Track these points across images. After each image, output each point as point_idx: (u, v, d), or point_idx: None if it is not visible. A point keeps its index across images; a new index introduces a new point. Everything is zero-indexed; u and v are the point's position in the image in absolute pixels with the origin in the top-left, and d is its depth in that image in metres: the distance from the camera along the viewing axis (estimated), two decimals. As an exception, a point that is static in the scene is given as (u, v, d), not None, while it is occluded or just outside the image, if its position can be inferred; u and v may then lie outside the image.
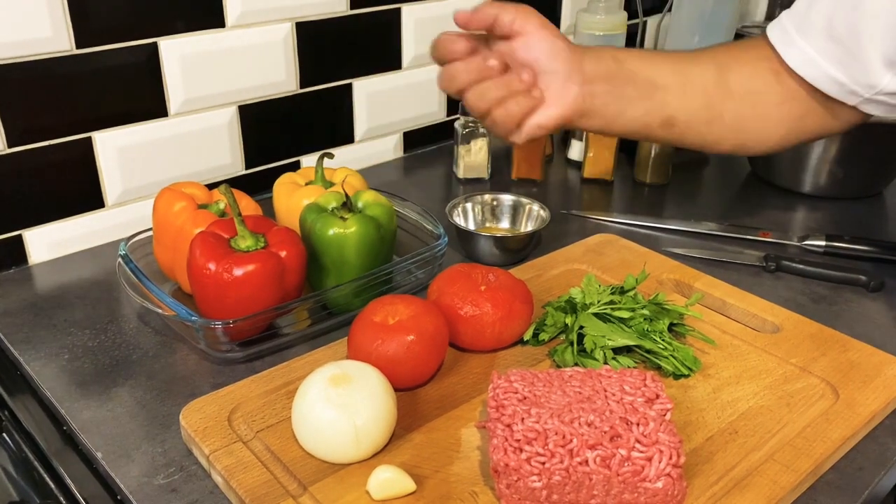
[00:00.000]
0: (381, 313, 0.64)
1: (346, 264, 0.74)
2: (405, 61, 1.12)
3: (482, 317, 0.66)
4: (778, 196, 1.06)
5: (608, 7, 1.16)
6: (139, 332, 0.75)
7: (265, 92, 0.99)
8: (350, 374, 0.57)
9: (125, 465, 0.59)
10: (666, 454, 0.51)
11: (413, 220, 0.87)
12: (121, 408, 0.65)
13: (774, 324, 0.74)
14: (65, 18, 0.80)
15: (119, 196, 0.91)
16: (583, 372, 0.58)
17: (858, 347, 0.71)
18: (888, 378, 0.66)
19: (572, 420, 0.52)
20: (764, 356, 0.69)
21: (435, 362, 0.64)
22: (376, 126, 1.13)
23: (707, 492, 0.55)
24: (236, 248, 0.69)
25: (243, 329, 0.69)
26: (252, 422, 0.60)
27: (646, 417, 0.53)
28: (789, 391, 0.65)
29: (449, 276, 0.70)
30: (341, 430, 0.55)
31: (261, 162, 1.02)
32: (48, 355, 0.71)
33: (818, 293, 0.83)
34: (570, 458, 0.50)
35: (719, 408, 0.63)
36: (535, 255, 0.87)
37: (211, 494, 0.56)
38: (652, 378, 0.57)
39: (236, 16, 0.93)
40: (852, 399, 0.64)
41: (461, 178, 1.09)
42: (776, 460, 0.58)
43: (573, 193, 1.08)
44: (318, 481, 0.55)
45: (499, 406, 0.55)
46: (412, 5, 1.09)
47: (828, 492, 0.57)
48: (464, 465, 0.57)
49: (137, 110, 0.89)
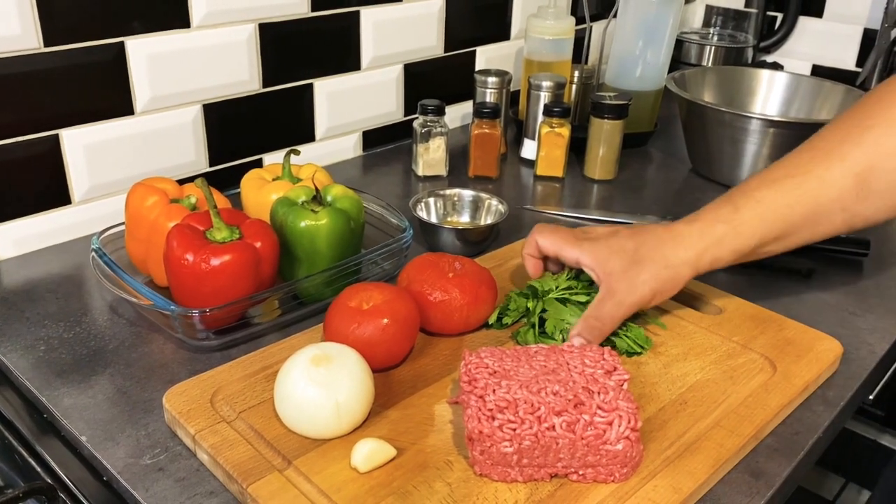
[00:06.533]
0: (356, 299, 0.67)
1: (317, 255, 0.77)
2: (364, 62, 1.16)
3: (450, 301, 0.71)
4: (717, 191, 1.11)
5: (557, 13, 1.21)
6: (113, 323, 0.77)
7: (229, 91, 1.01)
8: (330, 355, 0.60)
9: (111, 448, 0.61)
10: (625, 419, 0.56)
11: (377, 215, 0.91)
12: (102, 395, 0.67)
13: (718, 306, 0.80)
14: (33, 17, 0.81)
15: (86, 193, 0.92)
16: (547, 348, 0.63)
17: (793, 326, 0.77)
18: (819, 353, 0.73)
19: (539, 390, 0.57)
20: (709, 335, 0.75)
21: (408, 344, 0.68)
22: (336, 125, 1.16)
23: (661, 455, 0.60)
24: (212, 239, 0.72)
25: (220, 318, 0.72)
26: (234, 403, 0.63)
27: (605, 387, 0.58)
28: (732, 366, 0.71)
29: (418, 264, 0.74)
30: (323, 407, 0.58)
31: (225, 159, 1.05)
32: (24, 347, 0.73)
33: (756, 279, 0.89)
34: (538, 425, 0.55)
35: (670, 381, 0.68)
36: (494, 246, 0.91)
37: (197, 472, 0.59)
38: (609, 352, 0.62)
39: (201, 16, 0.95)
40: (788, 371, 0.70)
41: (420, 176, 1.13)
42: (722, 426, 0.63)
43: (527, 190, 1.13)
44: (302, 455, 0.58)
45: (471, 380, 0.59)
46: (371, 8, 1.13)
47: (767, 454, 0.63)
48: (438, 437, 0.61)
49: (104, 108, 0.90)
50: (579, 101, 1.33)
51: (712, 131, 1.12)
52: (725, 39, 1.67)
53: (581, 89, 1.32)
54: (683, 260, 0.69)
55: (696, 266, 0.70)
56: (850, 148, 0.68)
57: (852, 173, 0.67)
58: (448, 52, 1.28)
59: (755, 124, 1.07)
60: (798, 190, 0.68)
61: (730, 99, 1.25)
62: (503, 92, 1.19)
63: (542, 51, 1.23)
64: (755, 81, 1.26)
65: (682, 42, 1.65)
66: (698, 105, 1.12)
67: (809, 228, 0.69)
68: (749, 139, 1.08)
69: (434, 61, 1.26)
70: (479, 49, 1.34)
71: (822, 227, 0.69)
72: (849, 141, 0.68)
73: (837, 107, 1.17)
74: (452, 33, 1.27)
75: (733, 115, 1.09)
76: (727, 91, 1.26)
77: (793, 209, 0.68)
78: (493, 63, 1.36)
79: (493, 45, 1.35)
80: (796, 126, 1.09)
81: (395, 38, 1.18)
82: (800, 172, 0.69)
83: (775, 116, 1.16)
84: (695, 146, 1.19)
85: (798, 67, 1.66)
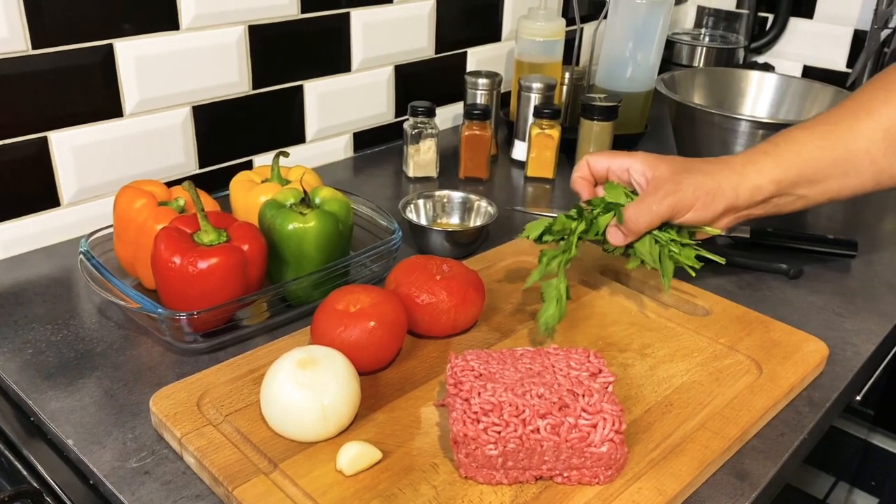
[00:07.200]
0: (344, 301, 0.67)
1: (305, 258, 0.77)
2: (354, 64, 1.16)
3: (438, 304, 0.71)
4: None
5: (547, 14, 1.21)
6: (101, 326, 0.77)
7: (219, 93, 1.01)
8: (316, 358, 0.61)
9: (97, 451, 0.61)
10: (609, 421, 0.56)
11: (367, 217, 0.91)
12: (89, 398, 0.67)
13: (705, 308, 0.80)
14: (21, 19, 0.81)
15: (74, 195, 0.92)
16: (532, 350, 0.63)
17: (779, 328, 0.77)
18: (805, 354, 0.73)
19: (524, 393, 0.57)
20: (695, 337, 0.75)
21: (395, 347, 0.68)
22: (327, 126, 1.17)
23: (646, 457, 0.60)
24: (200, 242, 0.72)
25: (207, 320, 0.72)
26: (220, 406, 0.63)
27: (590, 389, 0.58)
28: (718, 367, 0.71)
29: (406, 266, 0.74)
30: (309, 410, 0.58)
31: (214, 161, 1.05)
32: (11, 350, 0.72)
33: (744, 280, 0.89)
34: (523, 427, 0.55)
35: (656, 383, 0.69)
36: (484, 248, 0.92)
37: (183, 475, 0.59)
38: (595, 355, 0.62)
39: (190, 18, 0.95)
40: (774, 373, 0.70)
41: (411, 177, 1.13)
42: (707, 428, 0.63)
43: (517, 191, 1.13)
44: (288, 458, 0.58)
45: (457, 383, 0.59)
46: (361, 10, 1.13)
47: (752, 455, 0.64)
48: (424, 440, 0.61)
49: (93, 110, 0.90)
50: (570, 103, 1.33)
51: (701, 133, 1.12)
52: (717, 40, 1.67)
53: (572, 91, 1.32)
54: (727, 177, 0.72)
55: (738, 188, 0.72)
56: (878, 105, 0.71)
57: (881, 128, 0.70)
58: (439, 53, 1.28)
59: (744, 126, 1.07)
60: (831, 136, 0.72)
61: (719, 100, 1.25)
62: (494, 93, 1.19)
63: (532, 52, 1.23)
64: (745, 83, 1.27)
65: (673, 43, 1.66)
66: (687, 106, 1.12)
67: (840, 177, 0.72)
68: (738, 141, 1.08)
69: (425, 63, 1.26)
70: (470, 50, 1.34)
71: (852, 178, 0.72)
72: (877, 99, 0.72)
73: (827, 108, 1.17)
74: (443, 35, 1.27)
75: (722, 116, 1.09)
76: (717, 92, 1.26)
77: (826, 152, 0.72)
78: (483, 64, 1.36)
79: (483, 46, 1.36)
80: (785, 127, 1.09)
81: (386, 39, 1.18)
82: (831, 122, 0.73)
83: (764, 118, 1.16)
84: (684, 148, 1.19)
85: (789, 68, 1.66)
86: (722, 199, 0.72)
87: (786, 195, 0.73)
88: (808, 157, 0.72)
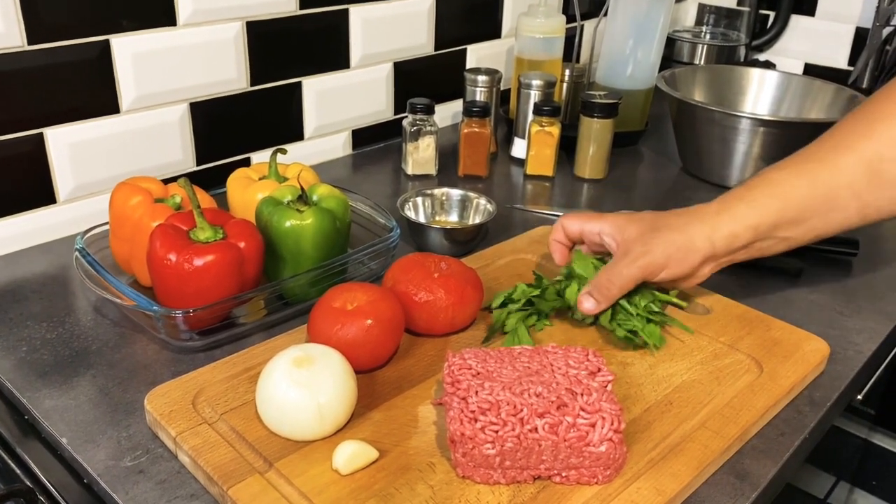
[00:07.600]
0: (340, 299, 0.67)
1: (302, 255, 0.76)
2: (353, 60, 1.15)
3: (436, 302, 0.70)
4: (707, 191, 1.13)
5: (547, 11, 1.21)
6: (97, 323, 0.76)
7: (216, 89, 1.01)
8: (312, 356, 0.60)
9: (91, 450, 0.60)
10: (608, 420, 0.55)
11: (365, 214, 0.90)
12: (83, 396, 0.66)
13: (705, 306, 0.80)
14: (17, 14, 0.81)
15: (71, 192, 0.91)
16: (531, 349, 0.62)
17: (780, 326, 0.77)
18: (806, 353, 0.73)
19: (522, 392, 0.57)
20: (696, 335, 0.75)
21: (392, 345, 0.67)
22: (325, 123, 1.16)
23: (645, 457, 0.59)
24: (196, 239, 0.71)
25: (203, 318, 0.71)
26: (216, 405, 0.63)
27: (589, 388, 0.57)
28: (719, 366, 0.71)
29: (403, 264, 0.74)
30: (305, 409, 0.58)
31: (212, 158, 1.04)
32: (6, 348, 0.72)
33: (745, 279, 0.89)
34: (521, 426, 0.54)
35: (655, 382, 0.68)
36: (483, 246, 0.91)
37: (178, 474, 0.59)
38: (594, 353, 0.62)
39: (187, 14, 0.94)
40: (774, 372, 0.70)
41: (410, 175, 1.13)
42: (707, 427, 0.63)
43: (517, 189, 1.13)
44: (284, 457, 0.58)
45: (454, 381, 0.58)
46: (360, 6, 1.12)
47: (753, 455, 0.63)
48: (421, 439, 0.60)
49: (89, 107, 0.90)
50: (570, 100, 1.33)
51: (702, 130, 1.12)
52: (718, 38, 1.67)
53: (572, 88, 1.32)
54: (699, 229, 0.71)
55: (712, 239, 0.70)
56: (859, 138, 0.69)
57: (863, 161, 0.68)
58: (438, 50, 1.27)
59: (745, 123, 1.06)
60: (811, 174, 0.69)
61: (720, 98, 1.25)
62: (493, 90, 1.19)
63: (532, 49, 1.23)
64: (746, 80, 1.26)
65: (674, 40, 1.65)
66: (688, 104, 1.12)
67: (823, 215, 0.70)
68: (739, 138, 1.08)
69: (424, 59, 1.26)
70: (470, 47, 1.33)
71: (836, 214, 0.69)
72: (858, 132, 0.69)
73: (828, 106, 1.17)
74: (443, 31, 1.26)
75: (723, 113, 1.08)
76: (718, 90, 1.25)
77: (805, 190, 0.69)
78: (483, 61, 1.36)
79: (483, 43, 1.35)
80: (786, 125, 1.09)
81: (385, 36, 1.18)
82: (811, 160, 0.70)
83: (765, 115, 1.15)
84: (685, 145, 1.19)
85: (790, 66, 1.65)
86: (696, 253, 0.70)
87: (768, 238, 0.71)
88: (787, 198, 0.69)
